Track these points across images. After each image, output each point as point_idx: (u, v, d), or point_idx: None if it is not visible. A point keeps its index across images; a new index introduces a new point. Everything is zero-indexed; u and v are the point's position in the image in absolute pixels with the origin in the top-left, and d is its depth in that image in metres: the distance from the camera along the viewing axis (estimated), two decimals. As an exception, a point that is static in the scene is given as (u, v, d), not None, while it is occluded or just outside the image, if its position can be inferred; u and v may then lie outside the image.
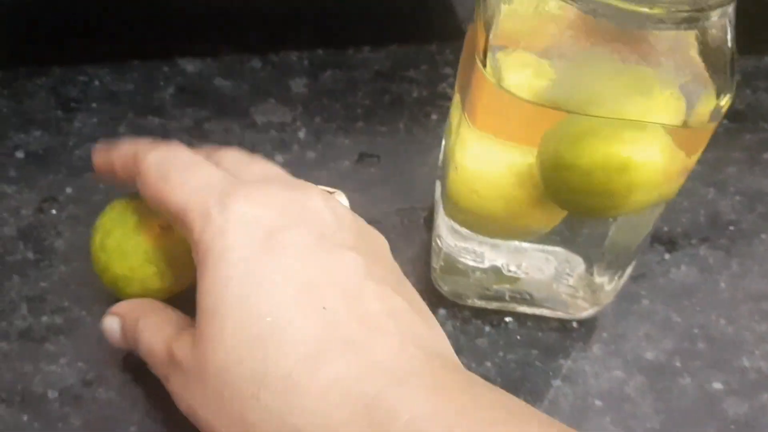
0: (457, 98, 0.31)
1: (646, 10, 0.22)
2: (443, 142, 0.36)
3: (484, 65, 0.25)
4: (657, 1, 0.22)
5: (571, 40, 0.24)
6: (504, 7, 0.25)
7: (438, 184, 0.36)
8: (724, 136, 0.43)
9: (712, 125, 0.26)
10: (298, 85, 0.42)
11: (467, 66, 0.28)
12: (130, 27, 0.41)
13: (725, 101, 0.26)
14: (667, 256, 0.37)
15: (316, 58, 0.43)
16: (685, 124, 0.26)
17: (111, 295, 0.31)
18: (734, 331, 0.35)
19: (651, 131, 0.25)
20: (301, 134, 0.40)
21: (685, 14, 0.22)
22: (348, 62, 0.43)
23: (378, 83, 0.43)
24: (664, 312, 0.35)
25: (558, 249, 0.32)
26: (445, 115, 0.40)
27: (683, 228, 0.38)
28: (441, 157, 0.36)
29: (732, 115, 0.44)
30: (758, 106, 0.44)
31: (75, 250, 0.34)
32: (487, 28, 0.25)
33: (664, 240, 0.38)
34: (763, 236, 0.39)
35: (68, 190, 0.36)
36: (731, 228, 0.39)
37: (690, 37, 0.24)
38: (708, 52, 0.25)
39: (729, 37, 0.25)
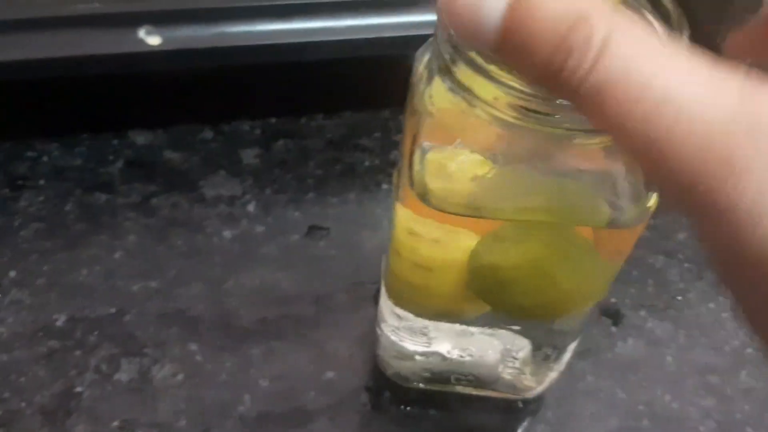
0: (395, 176, 0.31)
1: (549, 130, 0.22)
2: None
3: (411, 170, 0.25)
4: (558, 123, 0.22)
5: (496, 146, 0.24)
6: (433, 110, 0.25)
7: (384, 260, 0.36)
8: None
9: (641, 226, 0.27)
10: (249, 156, 0.42)
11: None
12: (81, 100, 0.41)
13: (652, 202, 0.26)
14: (613, 329, 0.37)
15: (268, 127, 0.43)
16: (611, 227, 0.26)
17: (55, 390, 0.31)
18: (679, 407, 0.35)
19: (572, 239, 0.25)
20: (251, 207, 0.40)
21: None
22: (301, 131, 0.44)
23: (330, 152, 0.43)
24: (610, 388, 0.35)
25: (503, 331, 0.32)
26: (394, 186, 0.40)
27: (631, 299, 0.39)
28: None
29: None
30: (709, 167, 0.45)
31: (17, 338, 0.34)
32: (415, 130, 0.26)
33: (611, 312, 0.38)
34: (711, 305, 0.39)
35: (12, 273, 0.36)
36: (679, 298, 0.39)
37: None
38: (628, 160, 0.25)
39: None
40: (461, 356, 0.33)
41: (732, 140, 0.15)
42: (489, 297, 0.30)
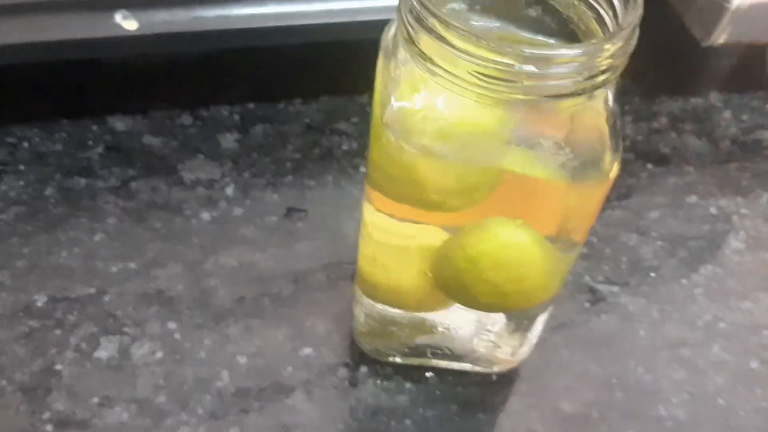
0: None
1: (508, 96, 0.23)
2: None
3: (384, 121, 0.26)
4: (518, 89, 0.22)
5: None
6: (403, 80, 0.26)
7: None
8: (647, 180, 0.43)
9: (600, 192, 0.27)
10: (228, 141, 0.42)
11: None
12: (60, 86, 0.42)
13: (614, 169, 0.27)
14: (587, 305, 0.38)
15: (247, 112, 0.44)
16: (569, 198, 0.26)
17: (35, 368, 0.32)
18: (652, 379, 0.36)
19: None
20: (229, 190, 0.40)
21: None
22: (279, 116, 0.44)
23: (308, 136, 0.43)
24: (583, 362, 0.36)
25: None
26: (371, 168, 0.41)
27: (605, 276, 0.39)
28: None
29: (657, 159, 0.45)
30: (684, 149, 0.45)
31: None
32: (385, 97, 0.26)
33: (584, 289, 0.38)
34: (684, 281, 0.39)
35: (-9, 255, 0.37)
36: (652, 274, 0.40)
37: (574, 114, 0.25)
38: (591, 127, 0.25)
39: (610, 111, 0.26)
40: (439, 325, 0.34)
41: None
42: (454, 294, 0.30)
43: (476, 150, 0.25)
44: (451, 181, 0.26)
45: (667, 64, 0.50)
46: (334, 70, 0.45)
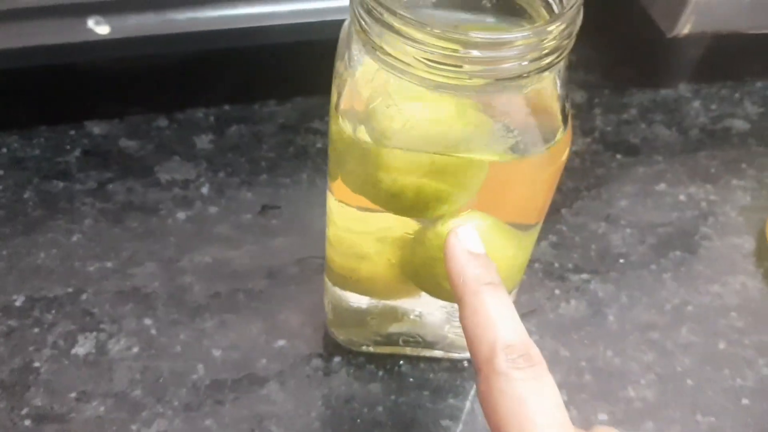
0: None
1: (455, 81, 0.23)
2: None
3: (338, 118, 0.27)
4: (464, 74, 0.23)
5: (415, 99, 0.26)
6: (357, 71, 0.27)
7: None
8: (617, 170, 0.44)
9: (553, 171, 0.28)
10: (204, 142, 0.43)
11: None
12: (39, 92, 0.43)
13: (566, 149, 0.27)
14: (557, 291, 0.39)
15: (222, 113, 0.45)
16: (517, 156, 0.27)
17: (14, 365, 0.33)
18: (621, 362, 0.36)
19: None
20: (204, 190, 0.41)
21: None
22: (254, 116, 0.45)
23: (283, 136, 0.44)
24: (553, 347, 0.37)
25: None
26: (344, 164, 0.41)
27: (574, 263, 0.40)
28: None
29: (626, 149, 0.45)
30: (653, 138, 0.46)
31: (-25, 318, 0.35)
32: (340, 88, 0.27)
33: (554, 276, 0.39)
34: (653, 267, 0.40)
35: (-30, 258, 0.37)
36: (621, 261, 0.40)
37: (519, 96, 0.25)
38: (542, 109, 0.26)
39: (559, 93, 0.26)
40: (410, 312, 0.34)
41: None
42: (423, 283, 0.31)
43: (428, 137, 0.26)
44: (404, 173, 0.27)
45: (636, 58, 0.50)
46: (307, 70, 0.45)
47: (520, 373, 0.23)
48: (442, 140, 0.26)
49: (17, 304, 0.36)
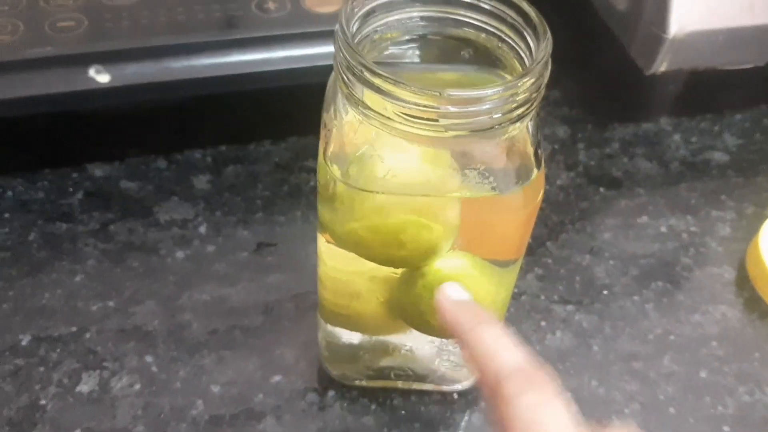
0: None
1: (432, 133, 0.25)
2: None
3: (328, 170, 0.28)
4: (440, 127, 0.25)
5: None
6: (343, 122, 0.28)
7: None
8: (600, 203, 0.46)
9: (531, 209, 0.29)
10: (201, 182, 0.45)
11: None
12: (42, 137, 0.44)
13: (540, 188, 0.29)
14: (543, 323, 0.40)
15: (219, 154, 0.46)
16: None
17: (21, 403, 0.34)
18: (605, 391, 0.38)
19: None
20: (202, 229, 0.43)
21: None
22: (250, 156, 0.47)
23: (277, 175, 0.46)
24: (540, 378, 0.38)
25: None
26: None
27: (559, 295, 0.41)
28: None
29: (609, 182, 0.47)
30: (635, 172, 0.48)
31: (-17, 359, 0.37)
32: (327, 138, 0.29)
33: (540, 308, 0.41)
34: (636, 298, 0.42)
35: (-23, 300, 0.39)
36: (605, 292, 0.42)
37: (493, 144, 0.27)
38: (516, 153, 0.28)
39: (532, 138, 0.28)
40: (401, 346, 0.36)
41: None
42: (411, 320, 0.33)
43: (410, 184, 0.28)
44: (387, 214, 0.28)
45: (618, 93, 0.52)
46: (301, 110, 0.47)
47: (526, 398, 0.24)
48: (422, 186, 0.28)
49: (23, 343, 0.37)
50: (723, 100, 0.52)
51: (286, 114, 0.47)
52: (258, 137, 0.48)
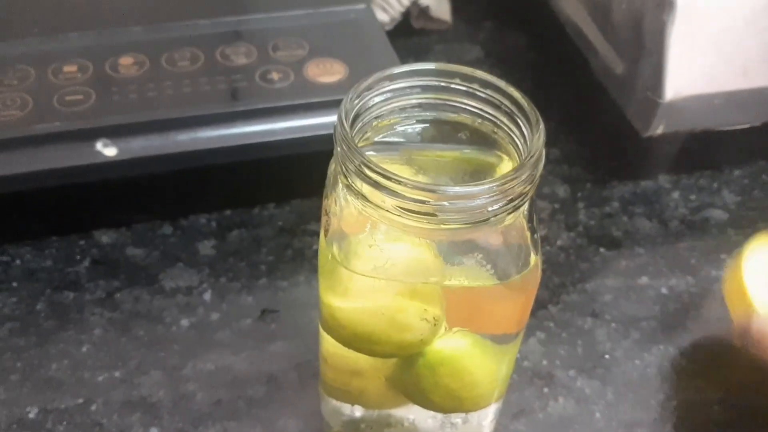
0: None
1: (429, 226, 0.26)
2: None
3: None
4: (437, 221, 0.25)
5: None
6: (336, 210, 0.29)
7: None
8: (601, 264, 0.46)
9: (531, 290, 0.30)
10: (206, 247, 0.46)
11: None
12: (49, 206, 0.45)
13: (538, 269, 0.29)
14: (545, 390, 0.40)
15: (223, 219, 0.47)
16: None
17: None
18: (608, 460, 0.38)
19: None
20: (207, 296, 0.43)
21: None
22: (253, 220, 0.47)
23: (281, 239, 0.46)
24: (542, 447, 0.38)
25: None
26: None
27: (561, 360, 0.42)
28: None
29: (609, 242, 0.47)
30: (634, 231, 0.48)
31: (-10, 433, 0.37)
32: (327, 224, 0.29)
33: (542, 374, 0.41)
34: (637, 362, 0.42)
35: (-14, 372, 0.39)
36: (607, 356, 0.42)
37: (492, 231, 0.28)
38: (513, 239, 0.28)
39: (528, 224, 0.29)
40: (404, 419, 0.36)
41: None
42: (412, 397, 0.33)
43: (409, 272, 0.28)
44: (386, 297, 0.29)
45: (616, 151, 0.53)
46: (303, 175, 0.48)
47: None
48: (422, 273, 0.28)
49: (31, 416, 0.38)
50: (721, 156, 0.53)
51: (290, 179, 0.48)
52: (262, 201, 0.48)
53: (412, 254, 0.28)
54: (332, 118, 0.43)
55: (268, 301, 0.43)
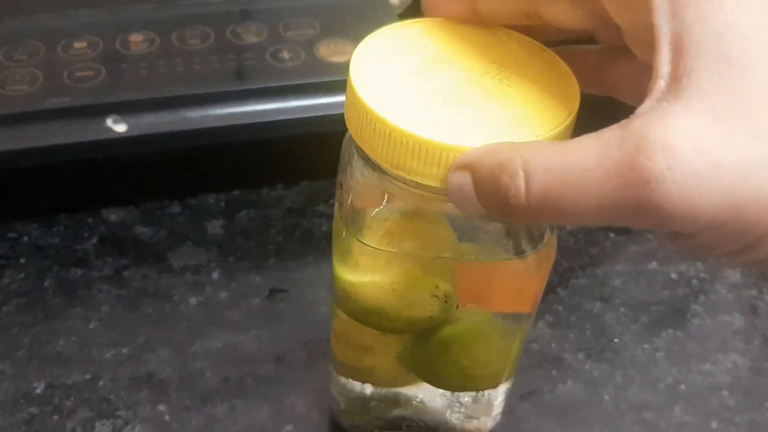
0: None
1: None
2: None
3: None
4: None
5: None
6: (352, 183, 0.29)
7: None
8: (611, 249, 0.46)
9: (546, 268, 0.30)
10: (214, 227, 0.45)
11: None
12: (58, 183, 0.45)
13: (553, 246, 0.29)
14: (554, 372, 0.40)
15: (232, 199, 0.47)
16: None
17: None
18: (616, 442, 0.38)
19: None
20: (215, 275, 0.43)
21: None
22: (262, 201, 0.47)
23: (290, 219, 0.46)
24: (551, 428, 0.38)
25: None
26: (348, 249, 0.43)
27: (570, 343, 0.41)
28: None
29: (619, 228, 0.47)
30: (644, 217, 0.48)
31: (-2, 406, 0.37)
32: (343, 199, 0.29)
33: (551, 357, 0.41)
34: (646, 346, 0.42)
35: (-7, 347, 0.39)
36: (616, 340, 0.42)
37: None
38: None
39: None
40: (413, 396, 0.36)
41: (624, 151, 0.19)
42: (424, 375, 0.33)
43: (425, 245, 0.28)
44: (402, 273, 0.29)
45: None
46: (313, 156, 0.48)
47: None
48: (436, 248, 0.28)
49: (38, 391, 0.38)
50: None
51: (299, 159, 0.48)
52: (271, 182, 0.48)
53: (426, 229, 0.28)
54: (342, 98, 0.44)
55: (277, 280, 0.43)
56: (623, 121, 0.20)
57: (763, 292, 0.44)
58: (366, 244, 0.29)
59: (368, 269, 0.29)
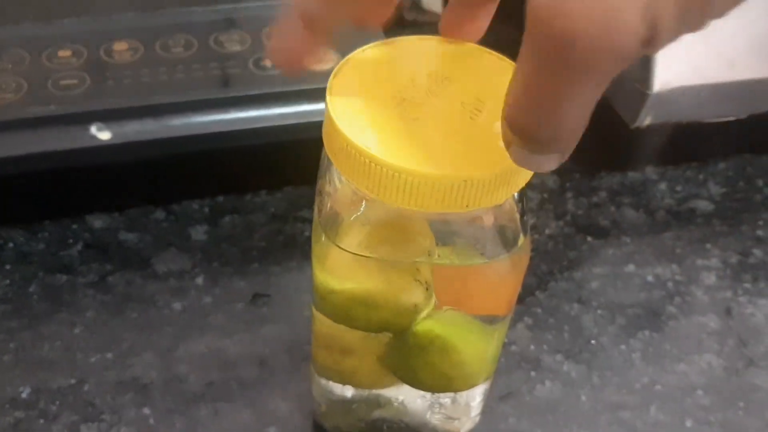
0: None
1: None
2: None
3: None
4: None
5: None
6: (330, 190, 0.30)
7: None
8: (588, 253, 0.47)
9: (520, 270, 0.30)
10: (198, 233, 0.46)
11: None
12: (42, 190, 0.45)
13: (527, 249, 0.30)
14: (533, 373, 0.41)
15: (216, 205, 0.48)
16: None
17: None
18: (593, 442, 0.39)
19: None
20: (199, 280, 0.44)
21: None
22: (246, 207, 0.48)
23: (273, 225, 0.47)
24: (530, 428, 0.39)
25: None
26: (330, 253, 0.44)
27: (548, 345, 0.42)
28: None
29: (596, 232, 0.48)
30: (622, 221, 0.49)
31: (-17, 412, 0.37)
32: (321, 205, 0.30)
33: (530, 358, 0.42)
34: (623, 347, 0.43)
35: (-21, 352, 0.40)
36: (593, 342, 0.43)
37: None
38: (504, 219, 0.29)
39: (517, 205, 0.29)
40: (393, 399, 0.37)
41: None
42: (402, 376, 0.34)
43: (402, 251, 0.29)
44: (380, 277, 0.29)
45: (605, 143, 0.53)
46: (296, 162, 0.48)
47: None
48: (413, 252, 0.29)
49: (24, 395, 0.38)
50: (707, 149, 0.54)
51: (282, 166, 0.48)
52: (254, 188, 0.49)
53: (404, 233, 0.29)
54: (323, 106, 0.44)
55: (260, 285, 0.44)
56: None
57: (738, 294, 0.45)
58: (344, 250, 0.29)
59: (346, 274, 0.30)
